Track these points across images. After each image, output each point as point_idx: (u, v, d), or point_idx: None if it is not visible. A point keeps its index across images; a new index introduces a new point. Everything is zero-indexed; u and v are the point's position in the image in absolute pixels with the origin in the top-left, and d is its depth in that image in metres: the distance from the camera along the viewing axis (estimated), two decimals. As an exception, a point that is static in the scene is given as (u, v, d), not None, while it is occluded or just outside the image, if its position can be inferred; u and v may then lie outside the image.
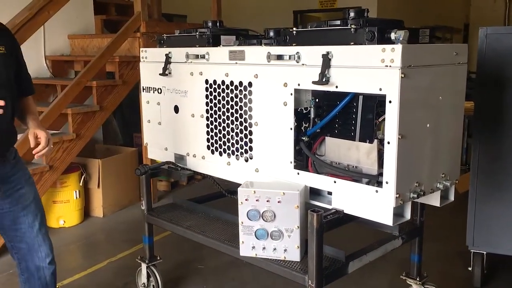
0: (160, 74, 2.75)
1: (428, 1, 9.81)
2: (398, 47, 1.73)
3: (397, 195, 1.83)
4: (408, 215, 2.03)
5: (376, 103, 1.94)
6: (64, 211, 4.10)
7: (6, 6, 3.80)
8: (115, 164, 4.49)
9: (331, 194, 2.12)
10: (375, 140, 1.97)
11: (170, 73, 2.73)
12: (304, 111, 2.24)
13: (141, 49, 2.98)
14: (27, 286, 2.31)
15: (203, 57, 2.55)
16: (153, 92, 2.88)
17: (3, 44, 2.08)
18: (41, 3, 3.50)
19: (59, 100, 3.66)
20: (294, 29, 2.17)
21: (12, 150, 2.19)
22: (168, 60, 2.73)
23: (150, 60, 2.89)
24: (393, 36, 1.82)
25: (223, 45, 2.60)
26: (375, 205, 1.93)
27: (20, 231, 2.19)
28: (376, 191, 1.89)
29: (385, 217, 1.92)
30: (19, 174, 2.19)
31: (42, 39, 4.46)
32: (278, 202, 2.09)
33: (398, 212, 1.99)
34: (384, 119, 1.87)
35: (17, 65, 2.19)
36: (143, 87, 2.96)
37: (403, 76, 1.73)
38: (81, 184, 4.21)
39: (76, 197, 4.15)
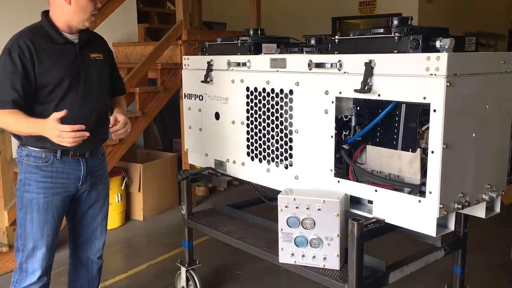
0: (201, 81, 2.81)
1: (471, 6, 9.57)
2: (444, 56, 1.71)
3: (441, 206, 1.80)
4: (451, 226, 2.00)
5: (419, 111, 1.92)
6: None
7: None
8: (155, 168, 4.59)
9: (371, 203, 2.10)
10: (418, 149, 1.95)
11: (211, 80, 2.78)
12: (345, 119, 2.23)
13: (183, 56, 3.05)
14: (75, 276, 2.52)
15: (244, 64, 2.58)
16: (195, 99, 2.94)
17: (101, 51, 2.33)
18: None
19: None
20: (336, 37, 2.17)
21: (102, 147, 2.45)
22: (210, 67, 2.78)
23: (192, 67, 2.95)
24: (438, 44, 1.80)
25: (264, 53, 2.63)
26: (418, 215, 1.90)
27: (85, 221, 2.42)
28: (419, 201, 1.87)
29: (428, 228, 1.89)
30: (102, 171, 2.45)
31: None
32: (318, 209, 2.09)
33: (441, 223, 1.96)
34: (427, 128, 1.85)
35: (111, 69, 2.43)
36: (184, 93, 3.02)
37: (448, 84, 1.71)
38: (123, 188, 4.32)
39: (118, 201, 4.27)
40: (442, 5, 8.19)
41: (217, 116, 2.79)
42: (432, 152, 1.79)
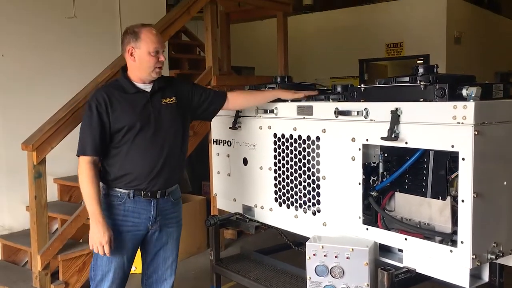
0: (230, 128, 2.86)
1: (501, 46, 9.53)
2: (471, 104, 1.71)
3: (474, 256, 1.76)
4: (486, 277, 1.94)
5: (448, 159, 1.91)
6: (136, 257, 4.24)
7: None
8: (184, 211, 4.57)
9: (402, 252, 2.06)
10: (448, 197, 1.92)
11: (239, 126, 2.84)
12: (373, 165, 2.23)
13: (212, 103, 3.12)
14: None
15: (272, 111, 2.63)
16: (223, 145, 2.99)
17: (173, 95, 2.48)
18: (122, 62, 3.77)
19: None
20: (362, 85, 2.20)
21: (176, 190, 2.56)
22: (238, 114, 2.84)
23: (221, 114, 3.00)
24: (464, 92, 1.80)
25: (291, 100, 2.67)
26: (450, 265, 1.86)
27: (156, 261, 2.56)
28: (451, 251, 1.82)
29: (461, 279, 1.84)
30: (175, 214, 2.58)
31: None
32: (347, 258, 2.06)
33: (474, 273, 1.90)
34: (457, 175, 1.83)
35: (189, 102, 2.57)
36: (213, 139, 3.08)
37: (476, 133, 1.70)
38: (152, 231, 4.35)
39: (147, 244, 4.29)
40: (471, 45, 8.17)
41: (245, 161, 2.82)
42: (463, 201, 1.76)
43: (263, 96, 2.62)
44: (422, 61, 7.68)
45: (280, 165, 2.58)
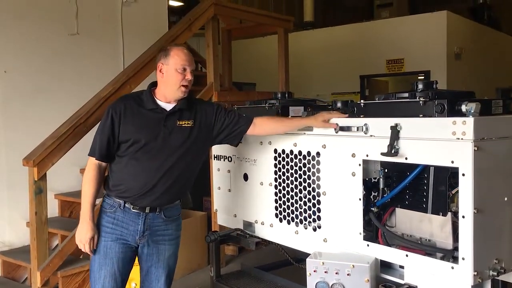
0: (231, 143, 2.86)
1: (501, 62, 9.57)
2: (470, 120, 1.72)
3: (475, 273, 1.74)
4: (488, 294, 1.91)
5: (448, 174, 1.90)
6: (135, 273, 4.19)
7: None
8: (185, 227, 4.56)
9: (403, 268, 2.05)
10: (449, 213, 1.91)
11: (240, 142, 2.84)
12: (373, 181, 2.22)
13: (213, 119, 3.13)
14: None
15: (272, 127, 2.63)
16: (224, 160, 2.99)
17: (192, 118, 2.46)
18: (124, 78, 3.81)
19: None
20: (362, 101, 2.21)
21: (171, 208, 2.53)
22: (238, 130, 2.84)
23: (222, 129, 3.01)
24: (464, 108, 1.81)
25: (291, 116, 2.68)
26: (451, 282, 1.84)
27: (149, 278, 2.56)
28: (452, 268, 1.81)
29: (463, 296, 1.82)
30: (166, 233, 2.53)
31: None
32: (348, 274, 2.04)
33: (477, 290, 1.88)
34: (457, 191, 1.82)
35: (209, 127, 2.51)
36: (214, 155, 3.09)
37: (476, 149, 1.70)
38: (152, 247, 4.33)
39: (148, 260, 4.26)
40: (472, 62, 8.21)
41: (245, 177, 2.82)
42: (463, 217, 1.76)
43: (292, 124, 2.49)
44: (423, 77, 7.70)
45: (281, 180, 2.57)
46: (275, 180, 2.61)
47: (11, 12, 4.06)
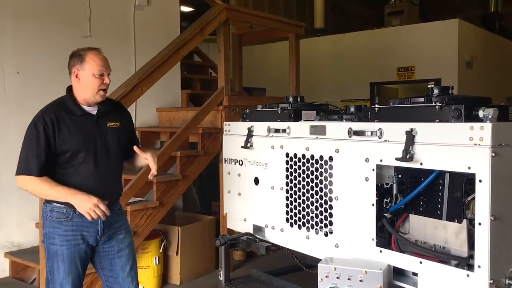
0: (242, 147, 2.86)
1: (513, 70, 9.50)
2: (488, 126, 1.69)
3: (491, 281, 1.71)
4: (504, 303, 1.88)
5: (464, 181, 1.88)
6: (144, 276, 4.20)
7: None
8: (193, 231, 4.59)
9: (416, 275, 2.02)
10: (464, 220, 1.88)
11: (251, 145, 2.83)
12: (386, 187, 2.20)
13: (224, 122, 3.13)
14: None
15: (284, 131, 2.62)
16: (235, 164, 2.98)
17: (118, 120, 2.55)
18: (135, 81, 3.82)
19: (146, 170, 3.87)
20: (376, 105, 2.19)
21: (117, 202, 2.61)
22: (250, 133, 2.84)
23: (233, 133, 3.01)
24: (481, 114, 1.79)
25: (304, 120, 2.67)
26: (467, 290, 1.81)
27: (114, 271, 2.56)
28: (467, 275, 1.78)
29: (478, 304, 1.79)
30: (121, 222, 2.60)
31: (134, 113, 4.83)
32: (360, 281, 2.02)
33: (492, 299, 1.84)
34: (473, 198, 1.80)
35: (128, 133, 2.64)
36: (225, 158, 3.08)
37: (493, 155, 1.68)
38: (161, 251, 4.32)
39: (156, 264, 4.25)
40: (483, 70, 8.16)
41: (256, 181, 2.80)
42: (480, 224, 1.73)
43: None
44: (433, 85, 7.66)
45: (292, 185, 2.56)
46: (286, 184, 2.59)
47: (25, 14, 4.09)
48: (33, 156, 2.33)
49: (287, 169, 2.58)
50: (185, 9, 8.18)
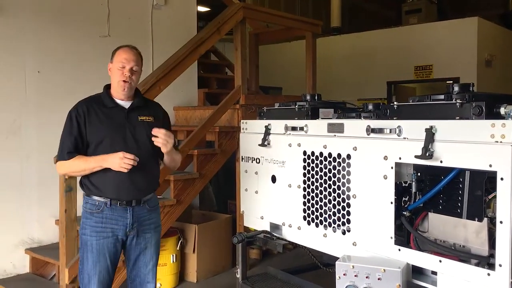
0: (259, 145, 2.86)
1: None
2: (510, 123, 1.67)
3: (513, 280, 1.69)
4: (525, 303, 1.85)
5: (485, 179, 1.85)
6: (161, 274, 4.23)
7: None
8: (210, 229, 4.61)
9: (435, 274, 2.00)
10: (485, 219, 1.86)
11: (269, 144, 2.83)
12: (405, 185, 2.18)
13: (241, 121, 3.14)
14: None
15: (301, 129, 2.62)
16: (252, 162, 2.99)
17: (151, 115, 2.64)
18: (153, 80, 3.85)
19: (163, 168, 3.90)
20: (395, 103, 2.17)
21: (151, 199, 2.66)
22: (267, 131, 2.84)
23: (250, 131, 3.02)
24: (503, 111, 1.77)
25: (321, 118, 2.66)
26: (487, 289, 1.79)
27: (138, 265, 2.67)
28: (488, 274, 1.76)
29: (499, 304, 1.76)
30: (152, 220, 2.67)
31: (151, 111, 4.87)
32: (378, 279, 2.01)
33: (514, 299, 1.82)
34: (494, 196, 1.78)
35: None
36: (242, 156, 3.08)
37: (515, 152, 1.65)
38: (178, 249, 4.35)
39: (173, 261, 4.28)
40: (502, 68, 8.04)
41: (273, 179, 2.81)
42: (501, 222, 1.71)
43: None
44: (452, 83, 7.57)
45: (310, 183, 2.55)
46: (304, 182, 2.59)
47: (45, 14, 4.15)
48: (66, 143, 2.50)
49: (304, 167, 2.58)
50: (202, 9, 8.22)
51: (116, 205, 2.52)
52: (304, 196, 2.59)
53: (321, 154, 2.48)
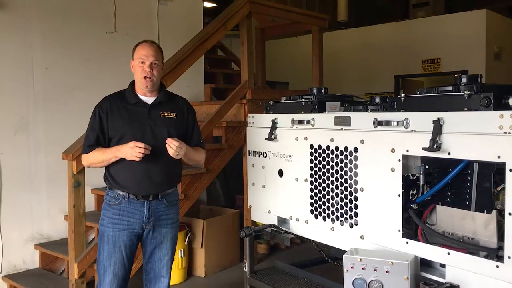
0: (266, 139, 2.86)
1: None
2: (518, 113, 1.65)
3: (522, 272, 1.68)
4: (535, 295, 1.84)
5: (493, 171, 1.84)
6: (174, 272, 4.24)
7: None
8: (218, 224, 4.62)
9: (444, 267, 1.99)
10: (494, 211, 1.85)
11: (275, 138, 2.83)
12: (413, 178, 2.17)
13: (248, 115, 3.13)
14: None
15: (308, 122, 2.61)
16: (259, 156, 2.99)
17: (174, 111, 2.66)
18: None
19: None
20: (402, 95, 2.16)
21: (170, 194, 2.68)
22: (274, 125, 2.84)
23: (257, 125, 3.02)
24: (511, 102, 1.75)
25: (328, 111, 2.65)
26: (496, 281, 1.77)
27: (153, 259, 2.71)
28: (497, 266, 1.75)
29: (508, 296, 1.75)
30: (170, 216, 2.69)
31: (159, 106, 4.88)
32: (386, 272, 2.00)
33: (523, 291, 1.81)
34: (503, 188, 1.76)
35: (185, 127, 2.71)
36: (249, 151, 3.08)
37: (524, 143, 1.64)
38: (186, 243, 4.37)
39: (181, 256, 4.30)
40: (511, 61, 7.96)
41: (280, 173, 2.80)
42: (510, 214, 1.69)
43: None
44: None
45: (317, 176, 2.55)
46: (311, 176, 2.58)
47: (52, 11, 4.16)
48: (88, 138, 2.58)
49: (311, 161, 2.57)
50: (208, 4, 8.22)
51: (133, 198, 2.56)
52: (311, 190, 2.58)
53: (328, 147, 2.47)
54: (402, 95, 2.16)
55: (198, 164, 2.90)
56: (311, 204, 2.59)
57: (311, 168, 2.58)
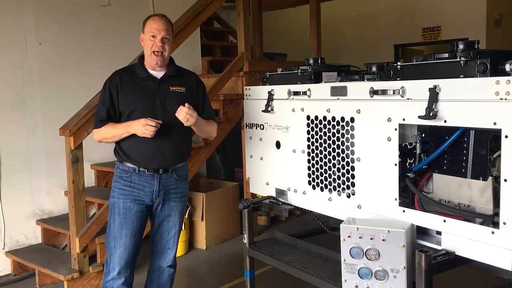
0: (262, 111, 2.84)
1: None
2: (514, 79, 1.63)
3: (517, 238, 1.69)
4: (530, 260, 1.85)
5: (489, 138, 1.83)
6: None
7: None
8: (218, 197, 4.66)
9: (440, 234, 2.00)
10: (490, 177, 1.85)
11: (272, 109, 2.81)
12: (409, 147, 2.17)
13: (245, 87, 3.11)
14: (149, 279, 2.88)
15: (304, 93, 2.59)
16: (256, 128, 2.98)
17: (184, 86, 2.71)
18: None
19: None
20: (399, 63, 2.13)
21: (180, 168, 2.74)
22: (270, 97, 2.82)
23: (254, 97, 3.00)
24: (508, 67, 1.72)
25: (324, 82, 2.63)
26: (491, 247, 1.79)
27: (161, 231, 2.78)
28: (492, 232, 1.76)
29: (503, 261, 1.76)
30: (179, 190, 2.77)
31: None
32: (383, 240, 2.01)
33: (518, 256, 1.82)
34: (499, 155, 1.76)
35: (195, 100, 2.76)
36: (246, 123, 3.07)
37: (520, 109, 1.62)
38: (186, 217, 4.41)
39: (182, 229, 4.34)
40: (512, 28, 7.86)
41: (278, 145, 2.80)
42: (505, 180, 1.69)
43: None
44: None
45: (314, 147, 2.54)
46: (308, 147, 2.57)
47: (44, -16, 4.10)
48: (99, 112, 2.62)
49: (308, 132, 2.56)
50: (204, -25, 8.05)
51: (144, 172, 2.61)
52: (309, 161, 2.58)
53: (324, 118, 2.46)
54: (398, 63, 2.13)
55: (210, 136, 2.93)
56: (309, 175, 2.59)
57: (308, 139, 2.57)
